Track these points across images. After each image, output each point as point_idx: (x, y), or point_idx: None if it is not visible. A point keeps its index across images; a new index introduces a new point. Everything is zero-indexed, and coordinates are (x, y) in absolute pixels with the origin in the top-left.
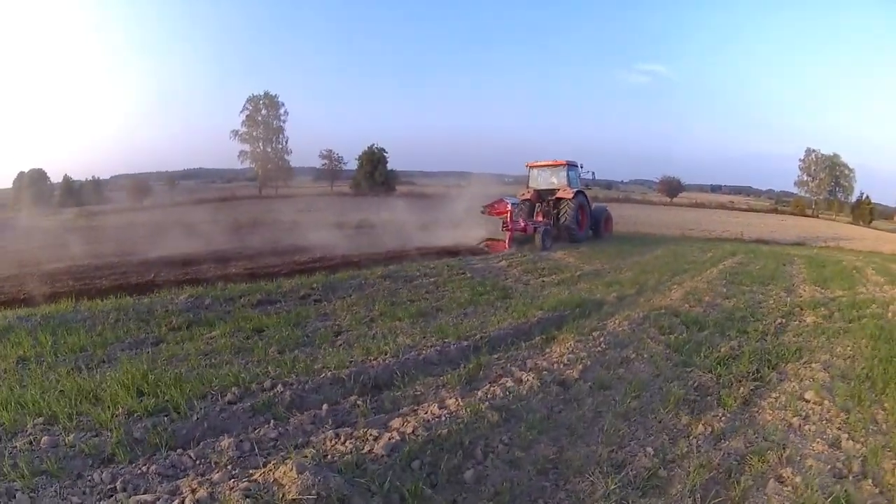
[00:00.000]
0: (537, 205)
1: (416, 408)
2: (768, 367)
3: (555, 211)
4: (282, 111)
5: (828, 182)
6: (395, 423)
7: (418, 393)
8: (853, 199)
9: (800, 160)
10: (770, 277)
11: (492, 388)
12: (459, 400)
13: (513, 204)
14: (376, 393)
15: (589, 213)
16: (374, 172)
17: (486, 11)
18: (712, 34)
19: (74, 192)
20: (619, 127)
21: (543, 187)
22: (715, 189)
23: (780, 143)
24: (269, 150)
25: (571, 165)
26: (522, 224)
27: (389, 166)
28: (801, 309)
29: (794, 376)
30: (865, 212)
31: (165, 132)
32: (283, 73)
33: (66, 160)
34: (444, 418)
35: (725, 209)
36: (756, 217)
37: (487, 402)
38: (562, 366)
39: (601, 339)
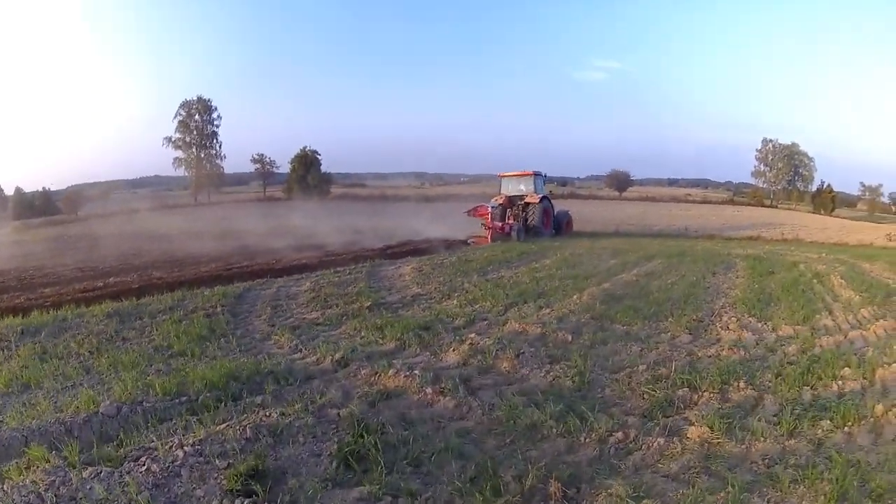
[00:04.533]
0: (508, 209)
1: None
2: None
3: (523, 214)
4: (215, 115)
5: (786, 171)
6: None
7: None
8: (813, 188)
9: (756, 150)
10: (679, 301)
11: None
12: None
13: (491, 207)
14: None
15: (552, 215)
16: (307, 175)
17: (438, 10)
18: (667, 28)
19: (26, 204)
20: (575, 123)
21: (513, 193)
22: (672, 182)
23: (739, 135)
24: (203, 155)
25: (537, 175)
26: (500, 224)
27: (328, 168)
28: (694, 390)
29: None
30: (827, 200)
31: (124, 138)
32: (227, 78)
33: (38, 171)
34: None
35: (679, 202)
36: (710, 209)
37: None
38: None
39: None
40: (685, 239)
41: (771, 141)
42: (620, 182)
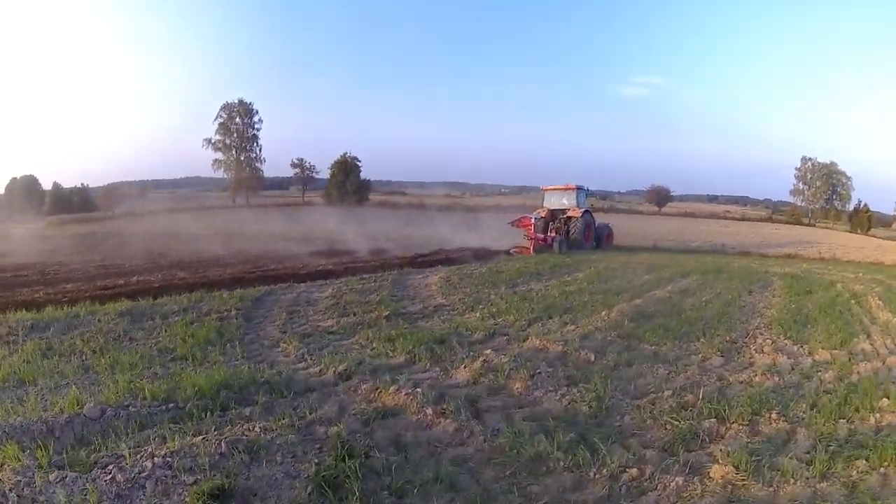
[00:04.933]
0: (551, 222)
1: None
2: None
3: (565, 227)
4: (256, 119)
5: (824, 190)
6: None
7: None
8: (850, 207)
9: (795, 169)
10: (712, 320)
11: None
12: None
13: (535, 219)
14: None
15: (594, 229)
16: (346, 181)
17: (481, 27)
18: (708, 46)
19: (63, 200)
20: (616, 139)
21: (555, 207)
22: (712, 199)
23: (779, 153)
24: (243, 158)
25: (580, 189)
26: (542, 236)
27: (368, 176)
28: (721, 421)
29: None
30: (864, 220)
31: (167, 138)
32: (269, 82)
33: (79, 167)
34: None
35: (717, 218)
36: (748, 226)
37: None
38: None
39: None
40: (722, 255)
41: (810, 160)
42: (660, 197)
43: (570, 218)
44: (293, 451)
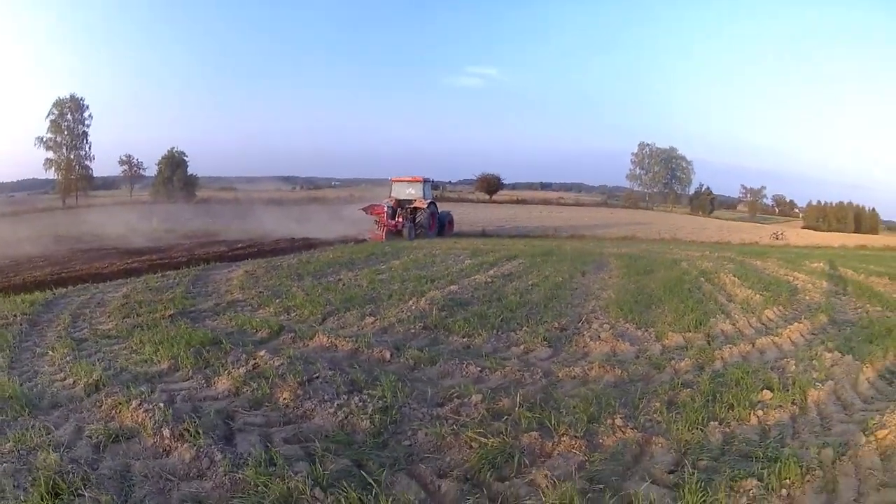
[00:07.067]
0: (398, 210)
1: None
2: None
3: (411, 215)
4: (87, 114)
5: (663, 175)
6: None
7: None
8: (691, 191)
9: (632, 154)
10: (539, 305)
11: None
12: None
13: (387, 207)
14: None
15: (437, 217)
16: (173, 177)
17: (316, 16)
18: (543, 35)
19: None
20: (448, 129)
21: (403, 197)
22: (545, 186)
23: (614, 140)
24: (73, 156)
25: (426, 181)
26: (394, 222)
27: (197, 172)
28: (547, 434)
29: None
30: (705, 202)
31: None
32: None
33: None
34: None
35: (550, 205)
36: (583, 211)
37: None
38: None
39: None
40: (554, 239)
41: (648, 145)
42: (490, 185)
43: (416, 208)
44: (1, 488)
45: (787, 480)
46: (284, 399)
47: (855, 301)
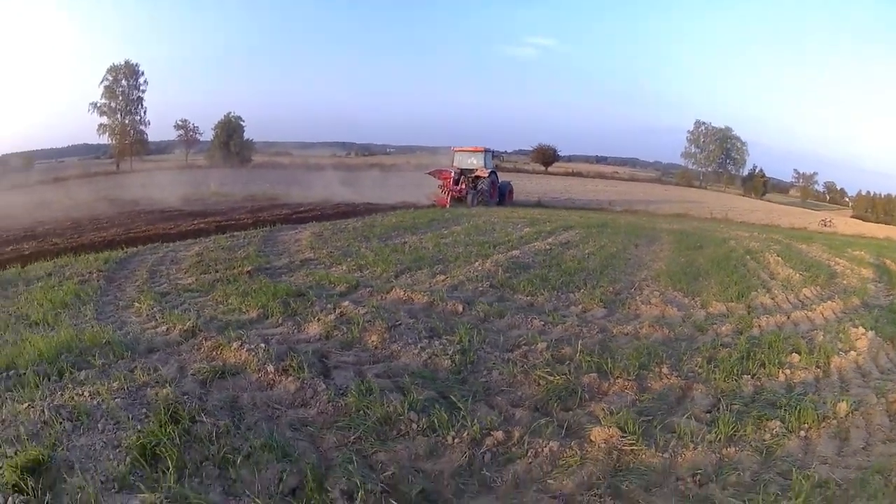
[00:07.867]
0: (460, 178)
1: None
2: None
3: (473, 184)
4: (142, 80)
5: (718, 154)
6: None
7: None
8: (745, 172)
9: (688, 132)
10: (595, 272)
11: None
12: None
13: (454, 174)
14: None
15: (497, 187)
16: (230, 142)
17: None
18: (601, 7)
19: None
20: (504, 98)
21: (465, 166)
22: (600, 160)
23: (669, 117)
24: (128, 121)
25: (487, 150)
26: (458, 188)
27: (253, 136)
28: (604, 376)
29: None
30: (759, 184)
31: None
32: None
33: None
34: None
35: (605, 178)
36: (637, 186)
37: None
38: None
39: None
40: (609, 212)
41: (704, 123)
42: (546, 157)
43: (478, 177)
44: (117, 418)
45: (806, 425)
46: (373, 341)
47: (890, 289)
